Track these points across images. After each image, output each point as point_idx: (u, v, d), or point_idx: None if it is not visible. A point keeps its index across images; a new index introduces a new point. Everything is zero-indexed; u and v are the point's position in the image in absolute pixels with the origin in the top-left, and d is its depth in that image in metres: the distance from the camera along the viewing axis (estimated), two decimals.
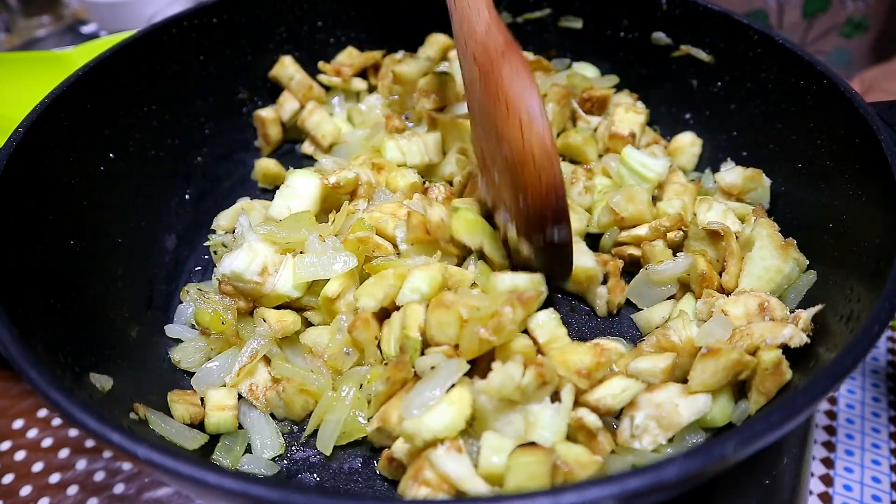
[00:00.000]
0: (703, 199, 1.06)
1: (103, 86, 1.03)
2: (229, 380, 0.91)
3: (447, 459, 0.72)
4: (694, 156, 1.21)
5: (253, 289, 0.92)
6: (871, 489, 0.97)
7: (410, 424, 0.75)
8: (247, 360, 0.90)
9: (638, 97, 1.28)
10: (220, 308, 0.91)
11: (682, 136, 1.22)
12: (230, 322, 0.91)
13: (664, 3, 1.19)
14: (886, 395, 1.09)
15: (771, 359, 0.77)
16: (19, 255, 0.82)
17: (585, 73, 1.30)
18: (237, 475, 0.52)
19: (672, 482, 0.51)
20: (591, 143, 1.17)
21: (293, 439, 0.89)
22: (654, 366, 0.83)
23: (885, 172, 0.80)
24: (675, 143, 1.22)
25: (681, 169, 1.18)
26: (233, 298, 0.93)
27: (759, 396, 0.78)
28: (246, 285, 0.92)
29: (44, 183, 0.91)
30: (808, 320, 0.83)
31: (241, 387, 0.91)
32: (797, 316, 0.85)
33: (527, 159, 0.77)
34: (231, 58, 1.23)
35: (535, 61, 1.28)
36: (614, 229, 1.06)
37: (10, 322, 0.69)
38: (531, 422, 0.76)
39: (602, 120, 1.23)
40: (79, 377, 0.79)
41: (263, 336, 0.91)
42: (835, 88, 0.93)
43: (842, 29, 1.84)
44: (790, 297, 0.93)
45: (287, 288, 0.93)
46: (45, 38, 2.05)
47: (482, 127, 0.87)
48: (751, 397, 0.80)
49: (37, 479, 0.96)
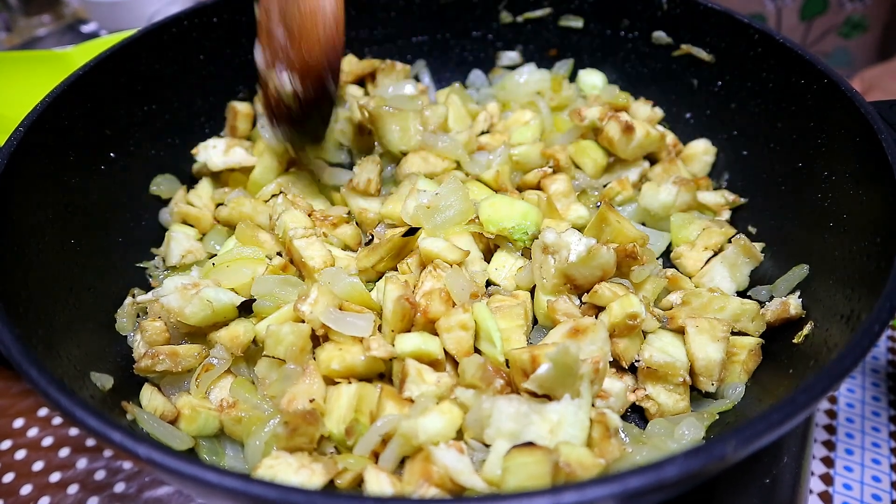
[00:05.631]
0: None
1: (103, 85, 1.03)
2: (195, 393, 0.87)
3: (447, 454, 0.72)
4: (707, 164, 1.19)
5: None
6: (871, 488, 0.97)
7: (408, 424, 0.75)
8: (196, 386, 0.87)
9: (654, 103, 1.25)
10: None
11: (695, 144, 1.20)
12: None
13: (665, 3, 1.19)
14: (886, 394, 1.09)
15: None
16: (21, 253, 0.82)
17: (592, 80, 1.30)
18: (238, 475, 0.52)
19: (672, 481, 0.51)
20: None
21: None
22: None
23: (885, 172, 0.80)
24: (688, 150, 1.20)
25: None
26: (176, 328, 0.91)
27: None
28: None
29: (44, 182, 0.91)
30: (798, 306, 0.90)
31: (211, 397, 0.88)
32: (786, 302, 0.91)
33: (317, 17, 0.91)
34: (231, 57, 1.23)
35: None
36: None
37: (11, 322, 0.69)
38: (556, 421, 0.74)
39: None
40: (79, 376, 0.79)
41: (220, 358, 0.88)
42: (835, 88, 0.93)
43: (840, 29, 1.84)
44: (780, 288, 0.96)
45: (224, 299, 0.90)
46: (46, 37, 2.05)
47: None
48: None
49: (37, 478, 0.96)
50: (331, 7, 0.93)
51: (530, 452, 0.67)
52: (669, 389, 0.88)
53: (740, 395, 0.88)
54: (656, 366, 0.87)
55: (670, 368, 0.87)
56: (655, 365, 0.87)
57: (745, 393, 0.89)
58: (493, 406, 0.75)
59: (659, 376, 0.88)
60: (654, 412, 0.88)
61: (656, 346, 0.90)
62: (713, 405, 0.88)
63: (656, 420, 0.86)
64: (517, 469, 0.67)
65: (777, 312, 0.92)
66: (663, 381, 0.88)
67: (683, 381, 0.87)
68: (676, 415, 0.88)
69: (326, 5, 0.92)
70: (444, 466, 0.71)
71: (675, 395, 0.88)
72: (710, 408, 0.88)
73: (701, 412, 0.87)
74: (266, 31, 0.96)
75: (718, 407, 0.87)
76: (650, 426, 0.85)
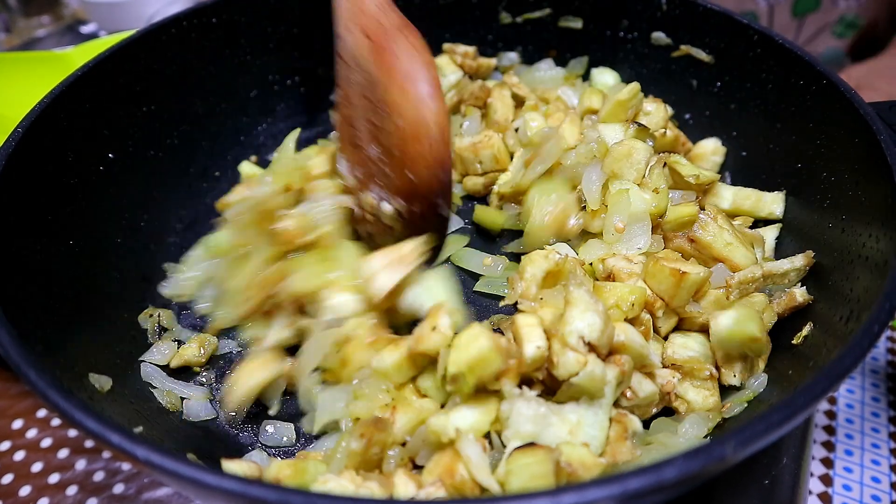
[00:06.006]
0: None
1: (102, 86, 1.03)
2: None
3: (472, 445, 0.72)
4: (716, 164, 1.18)
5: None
6: (870, 489, 0.97)
7: (437, 421, 0.75)
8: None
9: (662, 101, 1.22)
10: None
11: (704, 143, 1.19)
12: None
13: (664, 3, 1.19)
14: (886, 394, 1.09)
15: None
16: (19, 255, 0.82)
17: (605, 79, 1.29)
18: (236, 477, 0.52)
19: (672, 482, 0.51)
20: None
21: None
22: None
23: (885, 172, 0.80)
24: (697, 150, 1.19)
25: None
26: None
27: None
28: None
29: (43, 183, 0.91)
30: (804, 293, 0.90)
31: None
32: (791, 292, 0.91)
33: (420, 132, 0.79)
34: (230, 58, 1.23)
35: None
36: None
37: (10, 322, 0.69)
38: (575, 422, 0.74)
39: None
40: (78, 377, 0.79)
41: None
42: (835, 88, 0.93)
43: (834, 28, 1.84)
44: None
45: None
46: (45, 37, 2.05)
47: (365, 101, 0.86)
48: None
49: (36, 480, 0.96)
50: (434, 117, 0.79)
51: (532, 453, 0.67)
52: (697, 385, 0.87)
53: (762, 385, 0.86)
54: (681, 362, 0.87)
55: (695, 363, 0.86)
56: (680, 361, 0.87)
57: None
58: (511, 408, 0.74)
59: (685, 372, 0.87)
60: (683, 412, 0.86)
61: (677, 343, 0.90)
62: (734, 396, 0.87)
63: (660, 419, 0.85)
64: (520, 470, 0.67)
65: (784, 303, 0.91)
66: (690, 376, 0.87)
67: (710, 374, 0.86)
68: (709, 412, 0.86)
69: (428, 115, 0.78)
70: (468, 459, 0.71)
71: (704, 390, 0.87)
72: (732, 398, 0.87)
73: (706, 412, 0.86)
74: (351, 145, 0.86)
75: (740, 398, 0.86)
76: (654, 424, 0.84)
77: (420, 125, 0.79)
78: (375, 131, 0.83)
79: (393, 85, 0.81)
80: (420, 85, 0.79)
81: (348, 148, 0.87)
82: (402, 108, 0.80)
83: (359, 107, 0.88)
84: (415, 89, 0.79)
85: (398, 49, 0.81)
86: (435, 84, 0.79)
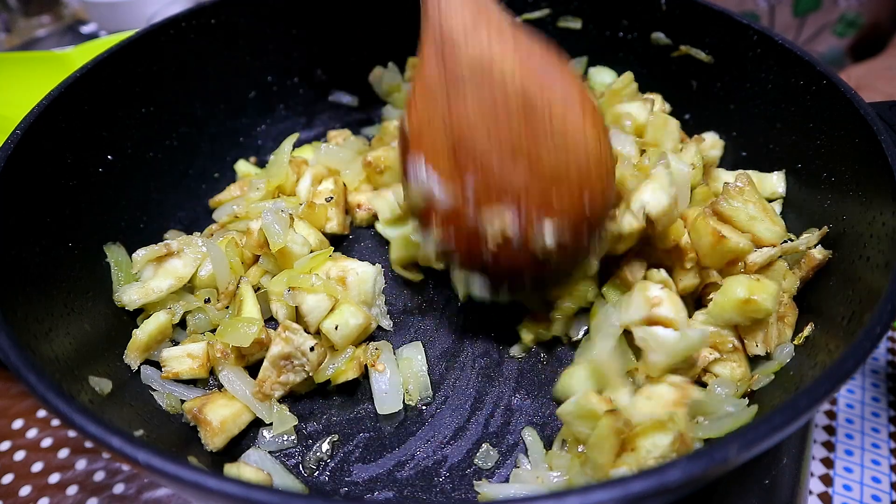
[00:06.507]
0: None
1: (102, 86, 1.03)
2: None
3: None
4: (714, 158, 1.17)
5: None
6: (870, 489, 0.97)
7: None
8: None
9: (662, 98, 1.24)
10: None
11: (702, 137, 1.17)
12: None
13: (664, 3, 1.19)
14: (886, 395, 1.09)
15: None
16: (18, 256, 0.82)
17: (603, 78, 1.29)
18: (238, 481, 0.52)
19: (675, 485, 0.51)
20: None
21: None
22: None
23: (885, 172, 0.80)
24: None
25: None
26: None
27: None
28: None
29: (42, 184, 0.90)
30: (822, 250, 0.91)
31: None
32: (809, 254, 0.91)
33: (602, 161, 0.79)
34: (230, 58, 1.23)
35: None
36: None
37: (9, 325, 0.69)
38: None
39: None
40: (78, 381, 0.79)
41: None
42: (835, 88, 0.93)
43: (835, 28, 1.83)
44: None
45: None
46: (45, 37, 2.05)
47: (501, 117, 0.79)
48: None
49: (36, 479, 0.96)
50: (608, 150, 0.80)
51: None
52: (723, 359, 0.88)
53: (789, 354, 0.86)
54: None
55: (716, 336, 0.87)
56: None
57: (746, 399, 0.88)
58: None
59: (711, 346, 0.88)
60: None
61: (699, 319, 0.89)
62: (761, 367, 0.87)
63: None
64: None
65: (805, 266, 0.91)
66: (715, 349, 0.88)
67: (734, 346, 0.87)
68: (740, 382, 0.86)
69: (604, 145, 0.79)
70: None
71: (731, 363, 0.87)
72: (759, 369, 0.87)
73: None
74: (451, 160, 0.79)
75: (768, 369, 0.86)
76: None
77: (602, 155, 0.79)
78: (515, 151, 0.78)
79: (568, 116, 0.77)
80: (602, 120, 0.80)
81: (445, 163, 0.79)
82: (575, 136, 0.77)
83: (481, 125, 0.79)
84: (598, 124, 0.79)
85: (563, 70, 0.79)
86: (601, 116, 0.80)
